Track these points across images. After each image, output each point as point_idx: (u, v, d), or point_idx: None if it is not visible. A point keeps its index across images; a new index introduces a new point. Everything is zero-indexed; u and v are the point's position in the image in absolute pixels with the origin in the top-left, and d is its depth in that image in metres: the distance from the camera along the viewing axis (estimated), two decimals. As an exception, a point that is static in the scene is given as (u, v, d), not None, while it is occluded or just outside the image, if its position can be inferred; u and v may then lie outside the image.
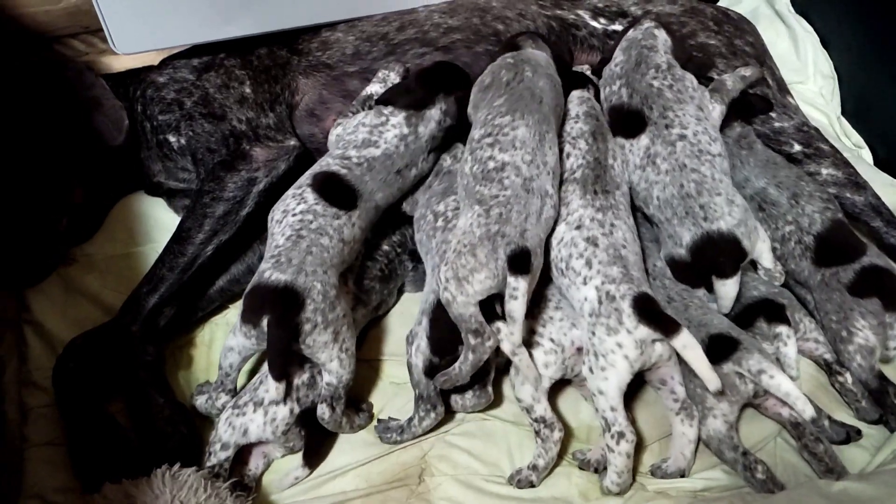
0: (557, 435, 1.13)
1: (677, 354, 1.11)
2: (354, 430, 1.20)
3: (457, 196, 1.27)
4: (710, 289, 1.25)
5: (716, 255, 1.20)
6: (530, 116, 1.23)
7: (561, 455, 1.17)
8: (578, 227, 1.17)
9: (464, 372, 1.10)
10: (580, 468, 1.17)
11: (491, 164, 1.18)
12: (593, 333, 1.10)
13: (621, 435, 1.09)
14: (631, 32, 1.43)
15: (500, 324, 1.10)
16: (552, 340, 1.16)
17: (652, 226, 1.34)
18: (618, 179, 1.27)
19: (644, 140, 1.30)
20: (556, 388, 1.23)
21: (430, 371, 1.13)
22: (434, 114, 1.32)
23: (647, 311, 1.08)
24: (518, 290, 1.08)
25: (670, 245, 1.26)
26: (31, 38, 1.54)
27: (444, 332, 1.12)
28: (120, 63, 1.58)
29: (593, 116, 1.32)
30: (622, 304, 1.08)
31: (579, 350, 1.16)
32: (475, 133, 1.25)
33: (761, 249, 1.25)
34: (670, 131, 1.28)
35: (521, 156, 1.18)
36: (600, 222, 1.17)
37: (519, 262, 1.09)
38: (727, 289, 1.21)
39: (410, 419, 1.18)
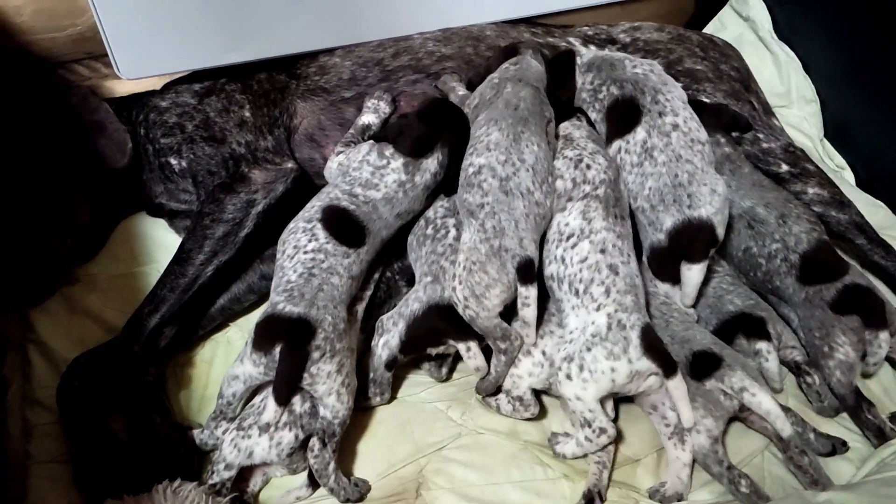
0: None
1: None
2: (337, 491, 1.15)
3: (444, 202, 1.34)
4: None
5: (691, 240, 1.25)
6: (503, 121, 1.27)
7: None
8: (603, 252, 1.18)
9: (501, 373, 1.21)
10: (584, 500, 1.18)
11: (470, 170, 1.23)
12: (588, 350, 1.12)
13: (603, 430, 1.13)
14: (588, 57, 1.48)
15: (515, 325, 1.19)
16: (543, 354, 1.20)
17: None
18: (628, 209, 1.28)
19: (641, 133, 1.33)
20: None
21: (390, 364, 1.23)
22: (430, 164, 1.31)
23: (652, 344, 1.10)
24: (529, 297, 1.15)
25: (650, 232, 1.30)
26: (36, 64, 1.57)
27: (418, 337, 1.21)
28: (122, 87, 1.60)
29: (597, 142, 1.34)
30: (631, 333, 1.10)
31: None
32: None
33: None
34: (664, 120, 1.32)
35: (496, 156, 1.22)
36: (620, 250, 1.19)
37: (526, 272, 1.15)
38: (693, 274, 1.26)
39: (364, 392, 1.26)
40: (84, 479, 1.17)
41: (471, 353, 1.21)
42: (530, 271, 1.16)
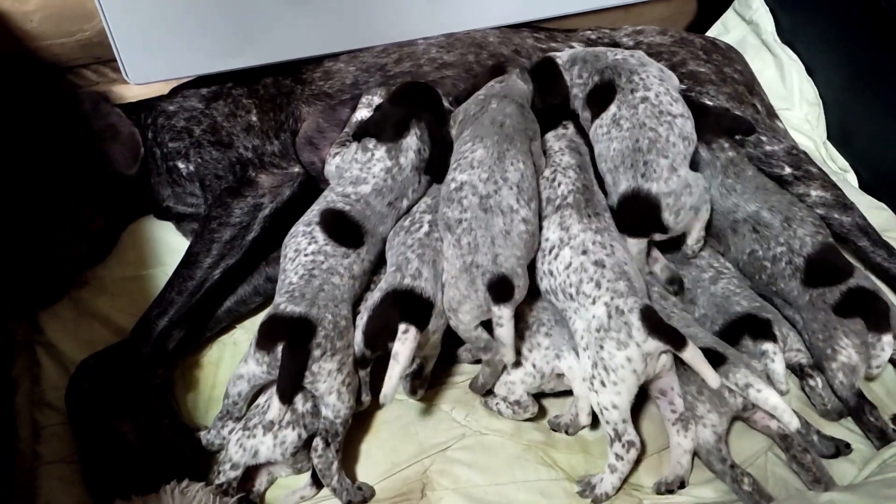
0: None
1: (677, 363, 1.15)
2: (340, 492, 1.16)
3: (428, 199, 1.35)
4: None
5: (635, 212, 1.26)
6: (489, 139, 1.27)
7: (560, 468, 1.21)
8: (585, 252, 1.19)
9: (487, 381, 1.23)
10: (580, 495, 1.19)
11: (452, 185, 1.23)
12: (601, 348, 1.11)
13: (632, 444, 1.13)
14: (567, 55, 1.48)
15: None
16: (534, 366, 1.21)
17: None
18: (604, 202, 1.30)
19: (612, 109, 1.35)
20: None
21: (361, 362, 1.20)
22: (411, 142, 1.33)
23: (655, 323, 1.11)
24: (502, 317, 1.13)
25: (612, 194, 1.32)
26: (46, 70, 1.59)
27: (377, 330, 1.16)
28: (130, 92, 1.62)
29: (575, 150, 1.36)
30: (631, 317, 1.11)
31: (559, 375, 1.21)
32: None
33: (694, 227, 1.32)
34: (634, 95, 1.34)
35: (478, 174, 1.22)
36: (602, 244, 1.20)
37: (498, 290, 1.13)
38: (630, 246, 1.27)
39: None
40: (93, 479, 1.18)
41: (407, 336, 1.13)
42: (502, 290, 1.12)
